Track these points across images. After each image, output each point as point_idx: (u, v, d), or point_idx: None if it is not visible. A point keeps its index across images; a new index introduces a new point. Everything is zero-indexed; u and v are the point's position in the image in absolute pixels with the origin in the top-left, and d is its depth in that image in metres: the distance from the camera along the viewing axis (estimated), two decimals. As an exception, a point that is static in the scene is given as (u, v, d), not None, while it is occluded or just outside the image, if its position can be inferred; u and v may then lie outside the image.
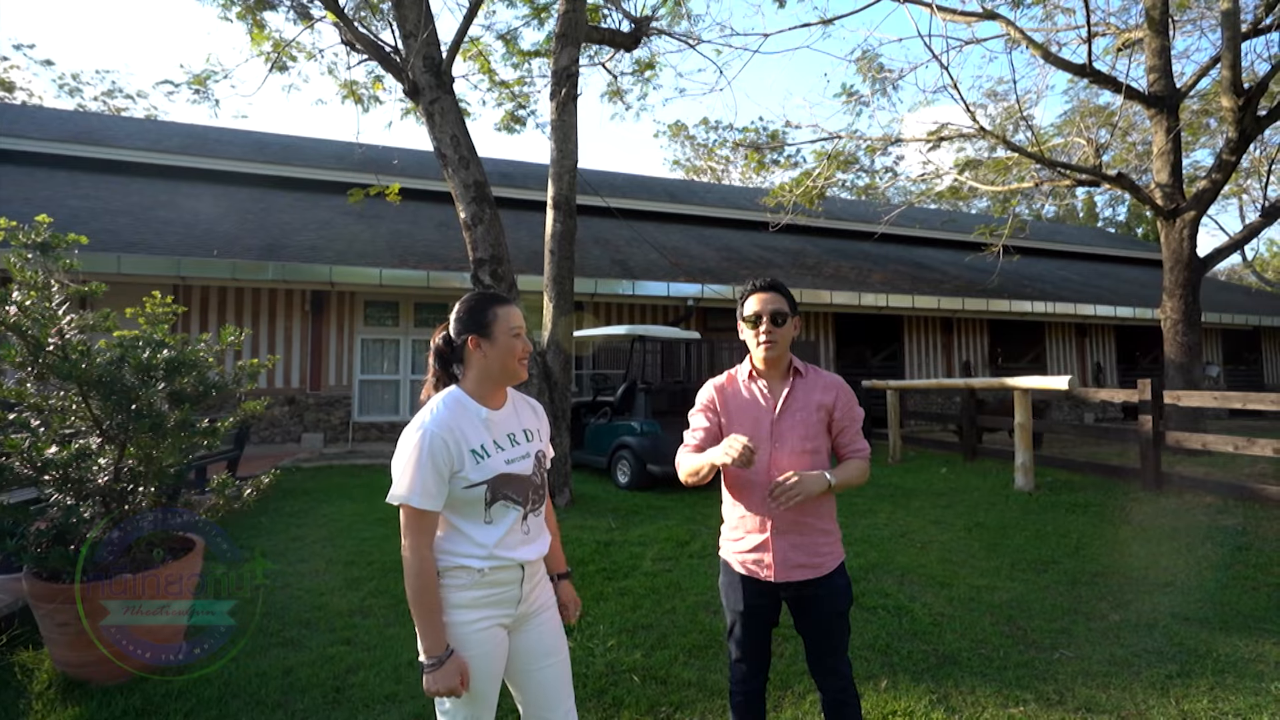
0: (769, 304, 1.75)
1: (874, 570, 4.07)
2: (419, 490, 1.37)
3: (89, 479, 2.54)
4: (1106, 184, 8.95)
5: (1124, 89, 8.28)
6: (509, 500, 1.49)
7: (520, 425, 1.58)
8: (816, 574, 1.74)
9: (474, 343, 1.49)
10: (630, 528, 5.02)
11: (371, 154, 11.54)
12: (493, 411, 1.52)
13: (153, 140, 13.32)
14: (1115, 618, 3.33)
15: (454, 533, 1.46)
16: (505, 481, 1.48)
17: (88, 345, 2.44)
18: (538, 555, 1.56)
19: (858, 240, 16.59)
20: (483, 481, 1.44)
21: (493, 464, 1.46)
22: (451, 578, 1.44)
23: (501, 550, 1.46)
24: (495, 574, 1.46)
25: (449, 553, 1.45)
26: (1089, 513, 5.39)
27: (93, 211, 9.65)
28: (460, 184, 5.29)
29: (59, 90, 26.73)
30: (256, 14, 8.06)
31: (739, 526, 1.80)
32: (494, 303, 1.53)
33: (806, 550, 1.73)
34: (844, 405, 1.78)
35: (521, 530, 1.52)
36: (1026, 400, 6.42)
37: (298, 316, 9.75)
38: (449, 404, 1.47)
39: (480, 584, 1.45)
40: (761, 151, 13.87)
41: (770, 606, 1.78)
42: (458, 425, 1.44)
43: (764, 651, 1.83)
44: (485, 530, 1.46)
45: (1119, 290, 16.24)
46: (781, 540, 1.72)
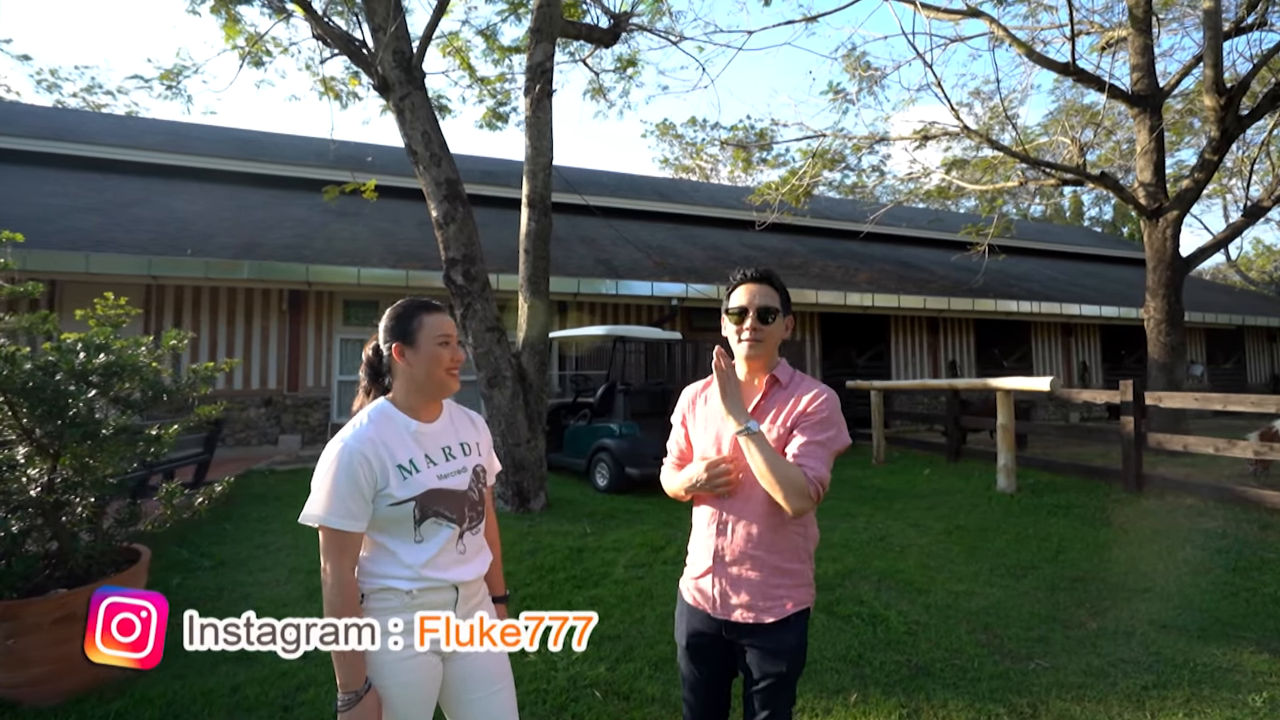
0: (758, 297, 1.52)
1: (850, 576, 3.99)
2: (337, 510, 1.28)
3: (17, 491, 2.40)
4: (1090, 183, 8.94)
5: (1107, 87, 8.26)
6: (441, 517, 1.40)
7: (457, 438, 1.49)
8: (761, 618, 1.45)
9: (398, 352, 1.41)
10: (605, 532, 4.92)
11: (351, 151, 11.37)
12: (424, 424, 1.43)
13: (130, 137, 13.06)
14: (1093, 625, 3.27)
15: (380, 552, 1.37)
16: (436, 498, 1.39)
17: (12, 350, 2.31)
18: (475, 575, 1.47)
19: (845, 239, 16.56)
20: (410, 499, 1.35)
21: (422, 479, 1.37)
22: (377, 600, 1.35)
23: (432, 571, 1.37)
24: (425, 595, 1.37)
25: (374, 574, 1.36)
26: (1070, 515, 5.34)
27: (61, 209, 9.42)
28: (432, 182, 5.16)
29: (37, 86, 26.27)
30: (231, 7, 7.87)
31: (694, 548, 1.60)
32: (420, 310, 1.44)
33: (753, 588, 1.46)
34: (814, 412, 1.46)
35: (456, 550, 1.43)
36: (1009, 401, 6.38)
37: (275, 316, 9.56)
38: (374, 417, 1.39)
39: (409, 607, 1.35)
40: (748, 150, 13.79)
41: (716, 645, 1.51)
42: (382, 440, 1.35)
43: (716, 698, 1.57)
44: (415, 550, 1.37)
45: (1105, 290, 16.31)
46: (725, 571, 1.49)
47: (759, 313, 1.52)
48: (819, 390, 1.51)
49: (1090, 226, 34.23)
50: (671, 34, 7.97)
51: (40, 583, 2.62)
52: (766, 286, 1.55)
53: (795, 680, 1.49)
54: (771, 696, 1.46)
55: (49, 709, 2.53)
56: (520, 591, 3.70)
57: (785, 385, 1.54)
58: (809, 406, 1.47)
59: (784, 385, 1.54)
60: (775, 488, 1.37)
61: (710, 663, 1.55)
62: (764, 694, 1.46)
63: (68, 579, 2.67)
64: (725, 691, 1.59)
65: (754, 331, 1.51)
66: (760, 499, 1.45)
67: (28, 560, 2.56)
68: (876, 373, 13.47)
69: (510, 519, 5.29)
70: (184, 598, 3.67)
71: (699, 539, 1.59)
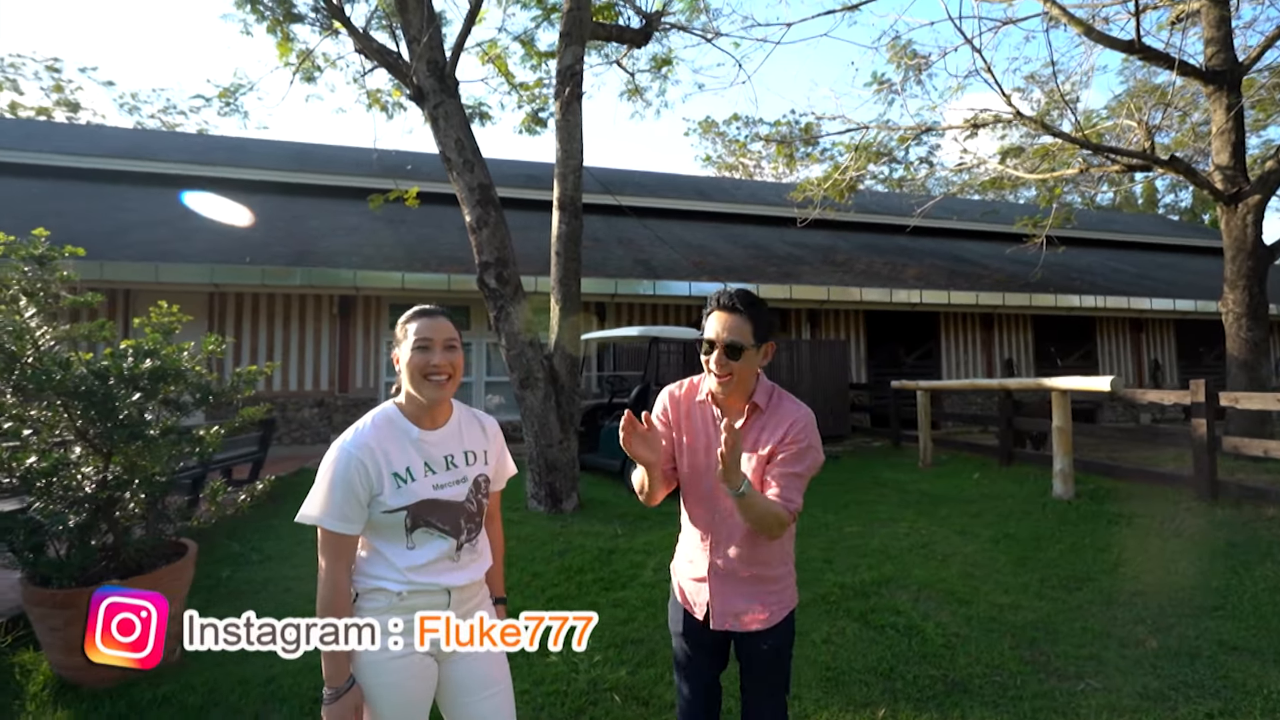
0: (726, 330, 1.44)
1: (887, 584, 3.84)
2: (332, 512, 1.30)
3: (73, 488, 2.57)
4: (1158, 168, 8.33)
5: (1177, 64, 7.69)
6: (434, 528, 1.40)
7: (462, 446, 1.48)
8: (755, 627, 1.54)
9: (395, 359, 1.43)
10: (636, 534, 4.90)
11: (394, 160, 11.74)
12: (427, 431, 1.42)
13: (197, 154, 13.88)
14: (1153, 644, 3.03)
15: (374, 554, 1.39)
16: (429, 508, 1.39)
17: (67, 357, 2.47)
18: (469, 580, 1.46)
19: (892, 234, 16.03)
20: (402, 508, 1.35)
21: (416, 489, 1.37)
22: (369, 600, 1.36)
23: (422, 576, 1.38)
24: (415, 598, 1.37)
25: (367, 574, 1.38)
26: (1133, 524, 4.99)
27: (135, 223, 10.10)
28: (465, 187, 5.26)
29: (119, 109, 28.33)
30: (285, 26, 8.25)
31: (686, 548, 1.65)
32: (413, 316, 1.44)
33: (746, 599, 1.53)
34: (792, 442, 1.46)
35: (451, 559, 1.42)
36: (1065, 402, 6.01)
37: (326, 320, 9.98)
38: (377, 421, 1.40)
39: (398, 608, 1.36)
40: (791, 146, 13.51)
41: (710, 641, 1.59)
42: (380, 445, 1.36)
43: (710, 690, 1.64)
44: (407, 555, 1.37)
45: (1179, 282, 15.22)
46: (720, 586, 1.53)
47: (726, 349, 1.44)
48: (796, 416, 1.50)
49: (1165, 214, 32.05)
50: (706, 31, 7.88)
51: (97, 573, 2.79)
52: (738, 317, 1.45)
53: (789, 661, 1.63)
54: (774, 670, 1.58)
55: (104, 691, 2.69)
56: (547, 592, 3.72)
57: (765, 409, 1.53)
58: (788, 435, 1.48)
59: (764, 410, 1.53)
60: (763, 529, 1.44)
61: (705, 652, 1.61)
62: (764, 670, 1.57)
63: (121, 570, 2.84)
64: (717, 678, 1.66)
65: (721, 368, 1.45)
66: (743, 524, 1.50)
67: (86, 552, 2.73)
68: (925, 372, 12.98)
69: (542, 519, 5.34)
70: (232, 590, 3.86)
71: (691, 541, 1.63)
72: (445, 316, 1.44)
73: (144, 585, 2.81)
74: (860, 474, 7.56)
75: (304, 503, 1.33)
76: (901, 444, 9.76)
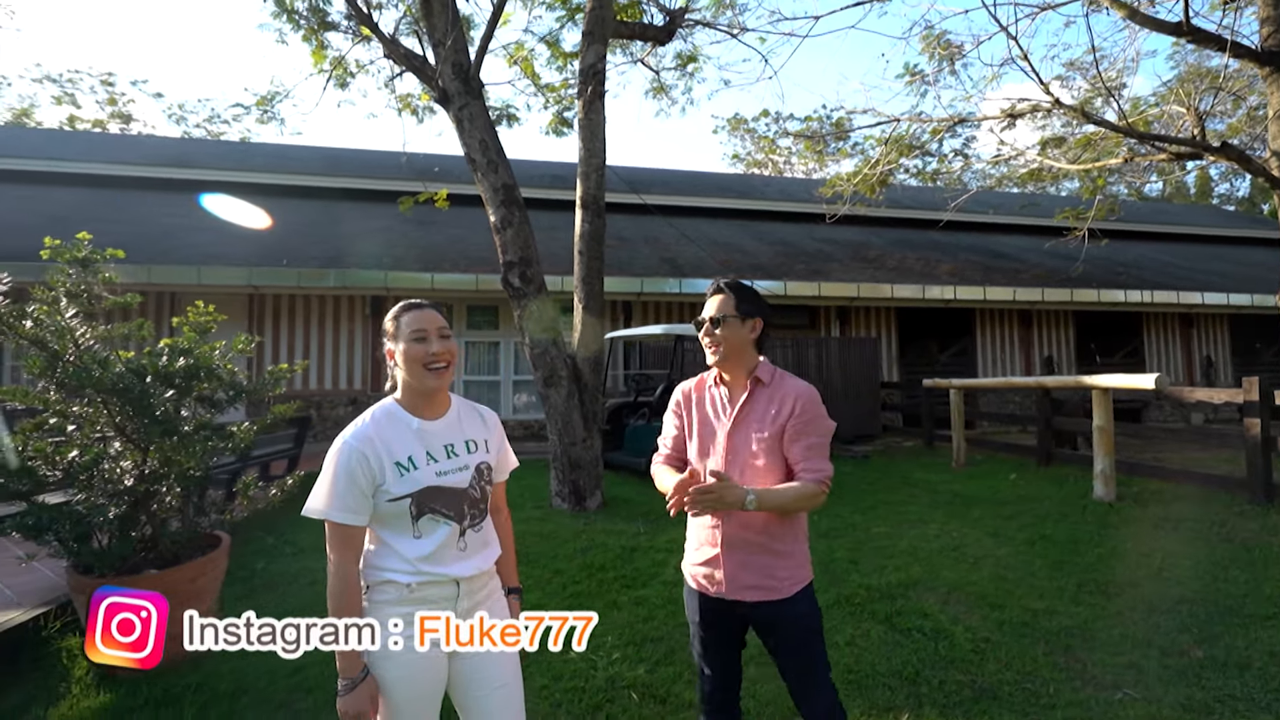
0: (713, 307, 1.68)
1: (915, 586, 3.74)
2: (337, 505, 1.34)
3: (113, 481, 2.68)
4: (1210, 155, 7.92)
5: (1229, 46, 7.30)
6: (438, 514, 1.42)
7: (463, 436, 1.51)
8: (770, 597, 1.61)
9: (389, 353, 1.46)
10: (659, 533, 4.89)
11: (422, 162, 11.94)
12: (427, 422, 1.46)
13: (239, 160, 14.38)
14: (1198, 654, 2.88)
15: (382, 546, 1.41)
16: (433, 495, 1.42)
17: (105, 355, 2.58)
18: (476, 571, 1.48)
19: (926, 229, 15.64)
20: (406, 495, 1.38)
21: (419, 476, 1.40)
22: (379, 593, 1.39)
23: (430, 565, 1.40)
24: (425, 590, 1.40)
25: (376, 567, 1.40)
26: (1180, 528, 4.77)
27: (181, 228, 10.51)
28: (489, 188, 5.33)
29: (168, 119, 29.57)
30: (319, 34, 8.48)
31: (695, 537, 1.73)
32: (404, 310, 1.47)
33: (757, 570, 1.61)
34: (799, 416, 1.59)
35: (457, 546, 1.44)
36: (1107, 400, 5.77)
37: (359, 320, 10.23)
38: (376, 416, 1.44)
39: (407, 600, 1.38)
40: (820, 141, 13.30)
41: (728, 621, 1.68)
42: (382, 437, 1.39)
43: (730, 668, 1.73)
44: (414, 544, 1.40)
45: (1234, 275, 14.48)
46: (731, 556, 1.62)
47: (712, 321, 1.67)
48: (800, 390, 1.63)
49: (1219, 204, 30.54)
50: (732, 27, 7.81)
51: (135, 563, 2.91)
52: (723, 295, 1.68)
53: (820, 632, 1.66)
54: (808, 652, 1.63)
55: (141, 677, 2.80)
56: (568, 589, 3.74)
57: (768, 384, 1.67)
58: (796, 408, 1.60)
59: (767, 384, 1.67)
60: (797, 510, 1.59)
61: (723, 637, 1.70)
62: (794, 646, 1.62)
63: (158, 561, 2.96)
64: (738, 660, 1.75)
65: (709, 337, 1.67)
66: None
67: (126, 543, 2.85)
68: (960, 370, 12.64)
69: (565, 517, 5.36)
70: (266, 581, 3.99)
71: (699, 526, 1.70)
72: (433, 308, 1.48)
73: (181, 576, 2.92)
74: (890, 474, 7.39)
75: (309, 498, 1.37)
76: (934, 444, 9.51)
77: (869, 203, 11.61)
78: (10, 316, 2.42)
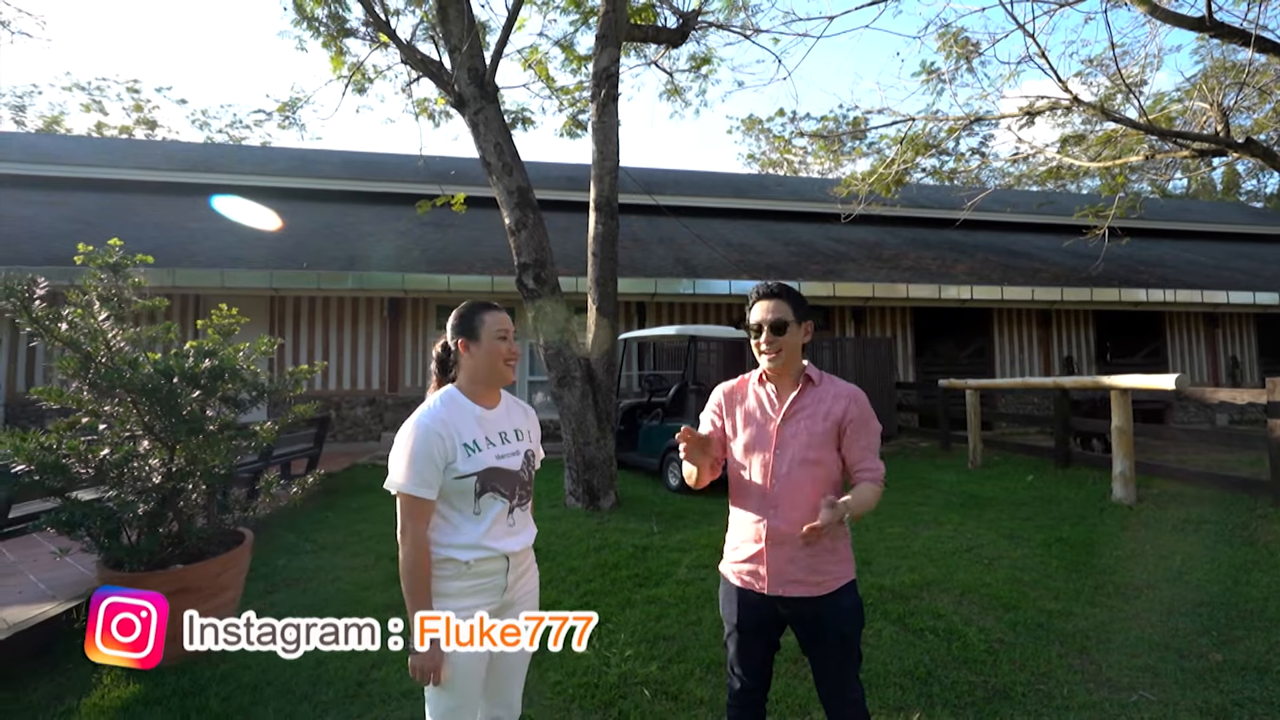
0: (770, 313, 1.69)
1: (929, 587, 3.74)
2: (414, 479, 1.48)
3: (142, 478, 2.77)
4: (1234, 152, 7.79)
5: (1254, 40, 7.17)
6: (497, 493, 1.58)
7: (512, 425, 1.68)
8: (815, 592, 1.64)
9: (463, 345, 1.61)
10: (673, 532, 4.91)
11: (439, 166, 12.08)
12: (485, 410, 1.63)
13: (260, 164, 14.65)
14: (1217, 657, 2.85)
15: (444, 524, 1.55)
16: (494, 475, 1.57)
17: (135, 357, 2.67)
18: (522, 546, 1.64)
19: (942, 228, 15.50)
20: (473, 473, 1.53)
21: (483, 458, 1.55)
22: (440, 569, 1.54)
23: (488, 541, 1.54)
24: (481, 565, 1.55)
25: (439, 544, 1.54)
26: (1201, 531, 4.70)
27: (205, 232, 10.74)
28: (504, 191, 5.39)
29: (191, 125, 30.16)
30: (339, 41, 8.62)
31: (737, 535, 1.76)
32: (482, 309, 1.64)
33: (804, 566, 1.63)
34: (855, 418, 1.67)
35: (507, 523, 1.60)
36: (1126, 401, 5.70)
37: (377, 322, 10.38)
38: (444, 400, 1.59)
39: (466, 575, 1.54)
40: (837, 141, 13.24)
41: (767, 622, 1.70)
42: (451, 420, 1.55)
43: (762, 669, 1.76)
44: (473, 523, 1.54)
45: (1262, 273, 14.16)
46: (777, 552, 1.64)
47: (772, 327, 1.68)
48: (852, 391, 1.71)
49: (1246, 201, 29.84)
50: (745, 28, 7.82)
51: (163, 558, 3.00)
52: (778, 301, 1.70)
53: (859, 639, 1.68)
54: (846, 649, 1.65)
55: (169, 669, 2.89)
56: (581, 588, 3.78)
57: (818, 383, 1.73)
58: (852, 410, 1.67)
59: (817, 383, 1.72)
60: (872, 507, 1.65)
61: (760, 638, 1.72)
62: (836, 650, 1.65)
63: (185, 556, 3.05)
64: (771, 660, 1.78)
65: (770, 344, 1.69)
66: (803, 487, 1.63)
67: (154, 539, 2.94)
68: (978, 370, 12.50)
69: (579, 516, 5.41)
70: (287, 578, 4.08)
71: (743, 524, 1.72)
72: (505, 310, 1.68)
73: (207, 571, 3.01)
74: (905, 474, 7.35)
75: (389, 473, 1.51)
76: (950, 445, 9.43)
77: (884, 202, 11.55)
78: (46, 319, 2.52)
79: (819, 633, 1.65)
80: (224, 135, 29.28)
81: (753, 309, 1.72)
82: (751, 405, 1.74)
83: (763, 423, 1.70)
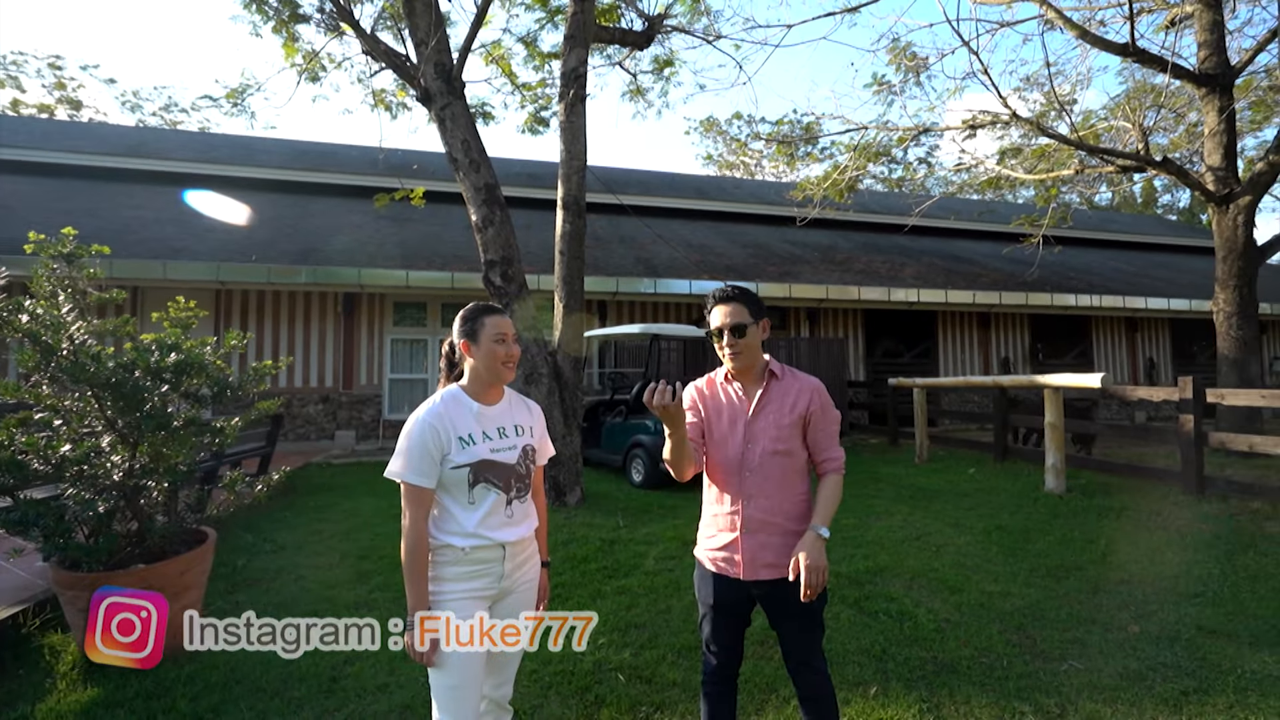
0: (729, 316, 1.78)
1: (881, 574, 3.97)
2: (414, 469, 1.58)
3: (102, 475, 2.69)
4: (1152, 169, 8.46)
5: (1170, 67, 7.81)
6: (490, 483, 1.66)
7: (512, 420, 1.76)
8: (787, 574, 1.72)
9: (465, 347, 1.71)
10: (638, 526, 5.03)
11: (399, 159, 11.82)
12: (485, 406, 1.72)
13: (202, 151, 13.98)
14: (1135, 629, 3.16)
15: (443, 513, 1.65)
16: (488, 466, 1.66)
17: (98, 350, 2.59)
18: (519, 537, 1.72)
19: (892, 233, 16.16)
20: (466, 464, 1.63)
21: (477, 450, 1.65)
22: (439, 554, 1.63)
23: (483, 530, 1.63)
24: (477, 553, 1.64)
25: (439, 531, 1.64)
26: (1121, 517, 5.13)
27: (143, 221, 10.20)
28: (471, 187, 5.38)
29: (122, 106, 28.40)
30: (290, 27, 8.34)
31: (711, 524, 1.85)
32: (484, 313, 1.72)
33: (776, 550, 1.74)
34: (819, 409, 1.79)
35: (505, 514, 1.69)
36: (1058, 399, 6.14)
37: (330, 318, 10.10)
38: (445, 399, 1.69)
39: (464, 561, 1.62)
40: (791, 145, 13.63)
41: (741, 603, 1.81)
42: (449, 416, 1.65)
43: (735, 646, 1.87)
44: (468, 512, 1.63)
45: (1175, 281, 15.36)
46: (751, 539, 1.75)
47: (733, 330, 1.78)
48: (814, 384, 1.83)
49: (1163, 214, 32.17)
50: (708, 33, 7.99)
51: (123, 558, 2.91)
52: (735, 305, 1.79)
53: (822, 614, 1.81)
54: (812, 623, 1.78)
55: (131, 670, 2.80)
56: (553, 580, 3.85)
57: (781, 377, 1.83)
58: (813, 401, 1.79)
59: (780, 377, 1.83)
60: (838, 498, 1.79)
61: (735, 618, 1.83)
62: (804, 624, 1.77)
63: (146, 556, 2.96)
64: (742, 638, 1.90)
65: (732, 347, 1.78)
66: (774, 475, 1.75)
67: (112, 538, 2.85)
68: (924, 370, 13.11)
69: (547, 511, 5.45)
70: (248, 578, 3.99)
71: (718, 512, 1.82)
72: (505, 314, 1.76)
73: (170, 570, 2.93)
74: (857, 469, 7.68)
75: (390, 463, 1.63)
76: (899, 441, 9.88)
77: (838, 207, 11.98)
78: (5, 311, 2.41)
79: (788, 609, 1.75)
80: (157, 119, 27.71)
81: (712, 314, 1.81)
82: (722, 401, 1.84)
83: (733, 418, 1.80)
